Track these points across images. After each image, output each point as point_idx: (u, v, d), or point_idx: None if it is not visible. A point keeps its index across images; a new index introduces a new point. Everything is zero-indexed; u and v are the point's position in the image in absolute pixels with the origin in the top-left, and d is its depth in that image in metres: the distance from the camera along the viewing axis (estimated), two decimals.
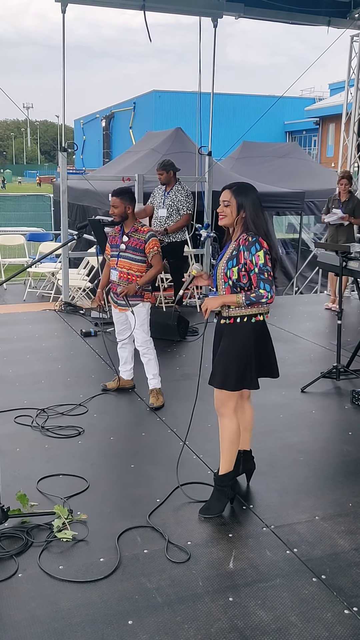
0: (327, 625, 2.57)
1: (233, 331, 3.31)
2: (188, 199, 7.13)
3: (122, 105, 43.86)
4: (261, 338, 3.36)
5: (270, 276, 3.18)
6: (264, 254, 3.17)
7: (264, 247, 3.19)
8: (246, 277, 3.22)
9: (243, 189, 3.30)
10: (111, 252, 4.89)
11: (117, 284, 4.82)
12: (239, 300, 3.20)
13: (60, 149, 8.16)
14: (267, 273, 3.17)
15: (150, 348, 4.89)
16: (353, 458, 4.09)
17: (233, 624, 2.56)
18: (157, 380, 4.92)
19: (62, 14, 7.45)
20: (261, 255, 3.17)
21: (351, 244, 5.79)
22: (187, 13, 8.46)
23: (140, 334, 4.84)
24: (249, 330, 3.30)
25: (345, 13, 8.75)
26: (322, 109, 37.52)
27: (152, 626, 2.54)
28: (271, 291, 3.17)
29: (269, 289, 3.16)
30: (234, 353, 3.30)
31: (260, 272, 3.17)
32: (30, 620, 2.57)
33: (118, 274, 4.80)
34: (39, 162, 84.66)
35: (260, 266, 3.17)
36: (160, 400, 4.86)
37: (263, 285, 3.16)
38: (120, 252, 4.78)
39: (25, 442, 4.24)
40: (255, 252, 3.17)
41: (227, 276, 3.26)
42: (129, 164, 11.66)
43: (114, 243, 4.87)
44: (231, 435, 3.39)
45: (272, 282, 3.19)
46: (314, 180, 13.39)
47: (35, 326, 7.30)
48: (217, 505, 3.38)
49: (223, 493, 3.39)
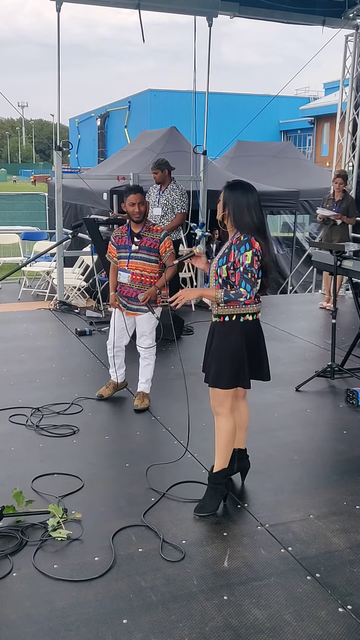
0: (322, 623, 2.57)
1: (223, 330, 3.31)
2: (183, 198, 7.13)
3: (117, 104, 43.80)
4: (252, 339, 3.34)
5: (253, 277, 3.16)
6: (252, 255, 3.15)
7: (254, 248, 3.17)
8: (234, 275, 3.21)
9: (232, 187, 3.29)
10: (118, 253, 4.70)
11: (129, 286, 4.66)
12: (217, 295, 3.19)
13: (55, 148, 8.15)
14: (251, 274, 3.15)
15: (153, 354, 4.83)
16: (347, 457, 4.10)
17: (227, 622, 2.57)
18: (147, 385, 4.87)
19: (57, 13, 7.44)
20: (249, 255, 3.15)
21: (345, 243, 5.80)
22: (182, 12, 8.45)
23: (147, 339, 4.77)
24: (239, 329, 3.29)
25: (340, 13, 8.77)
26: (317, 108, 37.56)
27: (146, 625, 2.55)
28: (251, 292, 3.14)
29: (250, 289, 3.14)
30: (225, 351, 3.30)
31: (245, 271, 3.15)
32: (25, 620, 2.57)
33: (130, 276, 4.62)
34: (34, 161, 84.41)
35: (246, 266, 3.15)
36: (146, 403, 4.80)
37: (244, 285, 3.14)
38: (132, 253, 4.61)
39: (19, 441, 4.24)
40: (244, 252, 3.16)
41: (218, 274, 3.26)
42: (124, 162, 11.64)
43: (121, 244, 4.68)
44: (227, 434, 3.39)
45: (254, 284, 3.17)
46: (308, 179, 13.41)
47: (30, 325, 7.29)
48: (211, 504, 3.38)
49: (217, 491, 3.39)
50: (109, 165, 12.74)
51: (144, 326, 4.75)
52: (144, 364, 4.86)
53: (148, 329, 4.76)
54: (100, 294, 8.14)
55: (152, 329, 4.77)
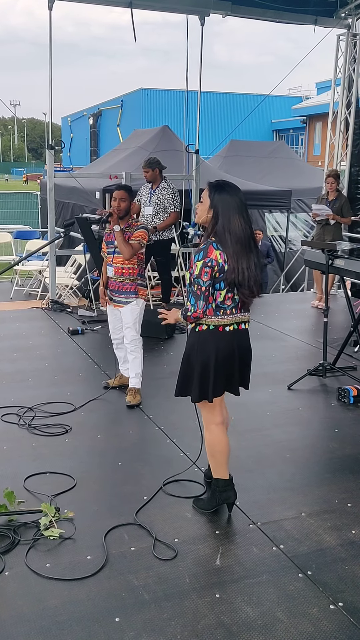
0: (313, 620, 2.59)
1: (191, 340, 3.21)
2: (175, 197, 7.13)
3: (110, 103, 43.74)
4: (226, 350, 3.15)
5: (199, 290, 3.00)
6: (201, 265, 2.98)
7: (207, 257, 2.98)
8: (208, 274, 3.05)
9: (218, 187, 3.08)
10: (107, 249, 4.90)
11: (113, 279, 4.85)
12: (178, 315, 3.18)
13: (47, 147, 8.13)
14: (197, 286, 3.00)
15: (138, 347, 4.88)
16: (339, 455, 4.12)
17: (220, 620, 2.58)
18: (138, 380, 4.90)
19: (49, 11, 7.42)
20: (198, 266, 2.99)
21: (337, 242, 5.82)
22: (174, 11, 8.45)
23: (130, 331, 4.84)
24: (207, 341, 3.13)
25: (332, 12, 8.79)
26: (309, 107, 37.66)
27: (139, 623, 2.55)
28: (195, 305, 3.01)
29: (194, 302, 3.01)
30: (191, 362, 3.20)
31: (191, 283, 3.04)
32: (17, 619, 2.56)
33: (114, 269, 4.83)
34: (26, 160, 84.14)
35: (194, 277, 3.01)
36: (137, 399, 4.84)
37: (190, 298, 3.03)
38: (115, 249, 4.80)
39: (12, 440, 4.23)
40: (196, 261, 3.01)
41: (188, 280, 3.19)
42: (116, 161, 11.63)
43: (109, 240, 4.89)
44: (208, 446, 3.33)
45: (200, 297, 3.00)
46: (301, 178, 13.45)
47: (22, 324, 7.27)
48: (206, 502, 3.38)
49: (214, 495, 3.37)
50: (102, 164, 12.72)
51: (127, 317, 4.83)
52: (130, 357, 4.91)
53: (131, 320, 4.82)
54: (92, 292, 8.13)
55: (134, 320, 4.84)
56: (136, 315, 4.84)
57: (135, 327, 4.85)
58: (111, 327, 5.04)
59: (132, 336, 4.85)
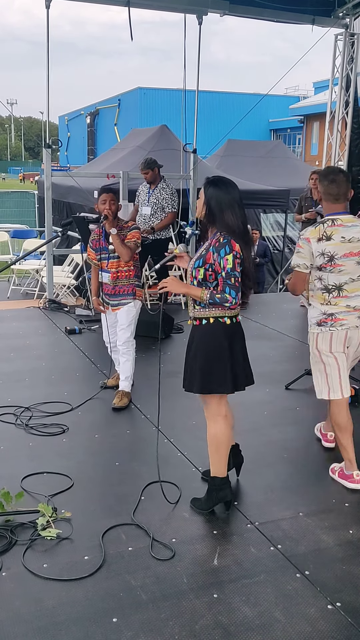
0: (311, 620, 2.58)
1: (200, 333, 3.24)
2: (173, 197, 7.13)
3: (107, 102, 43.72)
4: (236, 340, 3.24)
5: (237, 282, 3.07)
6: (232, 258, 3.05)
7: (234, 251, 3.06)
8: (213, 277, 3.12)
9: (213, 183, 3.17)
10: (97, 255, 4.83)
11: (109, 284, 4.78)
12: (202, 295, 3.11)
13: (44, 146, 8.11)
14: (234, 278, 3.07)
15: (131, 350, 4.84)
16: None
17: (217, 620, 2.57)
18: (128, 383, 4.87)
19: (47, 10, 7.41)
20: (230, 259, 3.06)
21: None
22: (172, 10, 8.45)
23: (124, 333, 4.79)
24: (216, 333, 3.19)
25: (330, 12, 8.80)
26: (307, 107, 37.64)
27: (136, 623, 2.54)
28: (236, 297, 3.07)
29: (234, 295, 3.06)
30: (202, 356, 3.22)
31: (227, 276, 3.07)
32: (14, 619, 2.56)
33: (110, 275, 4.76)
34: (23, 159, 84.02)
35: (228, 271, 3.06)
36: (125, 401, 4.79)
37: (229, 291, 3.06)
38: (111, 254, 4.74)
39: (8, 440, 4.22)
40: (224, 255, 3.06)
41: (193, 276, 3.19)
42: (114, 161, 11.63)
43: (97, 247, 4.82)
44: (213, 439, 3.33)
45: (239, 289, 3.08)
46: (298, 178, 13.43)
47: (19, 323, 7.26)
48: (204, 502, 3.37)
49: (210, 494, 3.37)
50: (99, 164, 12.73)
51: (122, 318, 4.79)
52: (122, 360, 4.86)
53: (126, 322, 4.79)
54: (90, 292, 8.12)
55: (129, 322, 4.80)
56: (132, 316, 4.81)
57: (130, 329, 4.82)
58: (106, 331, 4.97)
59: (126, 338, 4.81)
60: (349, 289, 3.55)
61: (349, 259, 3.50)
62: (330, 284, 3.54)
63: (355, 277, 3.54)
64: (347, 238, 3.48)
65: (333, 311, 3.56)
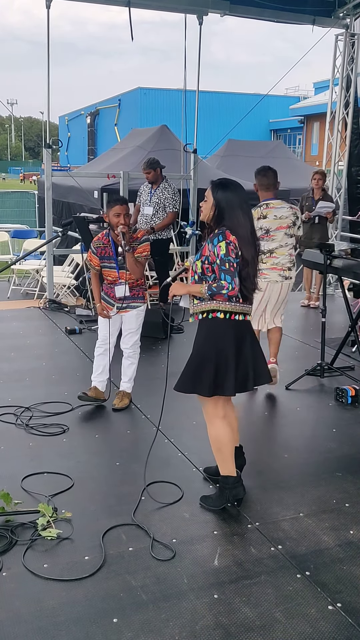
0: (311, 621, 2.58)
1: (199, 330, 3.24)
2: (175, 196, 7.13)
3: (107, 102, 43.72)
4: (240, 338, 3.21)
5: (232, 267, 3.06)
6: (225, 245, 3.06)
7: (227, 239, 3.06)
8: (210, 269, 3.13)
9: (222, 186, 3.18)
10: (103, 263, 4.60)
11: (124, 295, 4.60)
12: (202, 290, 3.11)
13: (44, 146, 8.11)
14: (229, 264, 3.06)
15: (137, 353, 4.82)
16: (337, 455, 4.12)
17: (218, 620, 2.57)
18: (130, 385, 4.84)
19: (47, 10, 7.41)
20: (223, 246, 3.06)
21: (336, 242, 5.81)
22: (173, 10, 8.44)
23: (133, 336, 4.75)
24: (220, 330, 3.17)
25: (330, 12, 8.79)
26: (307, 107, 37.67)
27: (136, 624, 2.54)
28: (232, 282, 3.04)
29: (230, 279, 3.05)
30: (199, 354, 3.22)
31: (222, 262, 3.07)
32: (15, 619, 2.56)
33: (126, 287, 4.55)
34: (23, 159, 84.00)
35: (222, 257, 3.06)
36: (125, 402, 4.77)
37: (224, 276, 3.06)
38: (122, 265, 4.53)
39: (9, 440, 4.22)
40: (217, 243, 3.08)
41: (194, 270, 3.20)
42: (114, 161, 11.62)
43: (105, 255, 4.58)
44: (214, 441, 3.34)
45: (234, 274, 3.06)
46: (298, 178, 13.43)
47: (20, 323, 7.26)
48: (215, 500, 3.38)
49: (223, 492, 3.38)
50: (100, 163, 12.71)
51: (132, 323, 4.73)
52: (127, 363, 4.81)
53: (135, 326, 4.74)
54: (90, 292, 8.11)
55: (138, 325, 4.76)
56: (141, 319, 4.76)
57: (139, 333, 4.78)
58: (106, 332, 4.70)
59: (134, 341, 4.76)
60: (277, 252, 5.05)
61: (279, 231, 5.05)
62: (265, 249, 4.95)
63: (283, 244, 5.04)
64: (278, 216, 5.08)
65: (261, 267, 4.48)
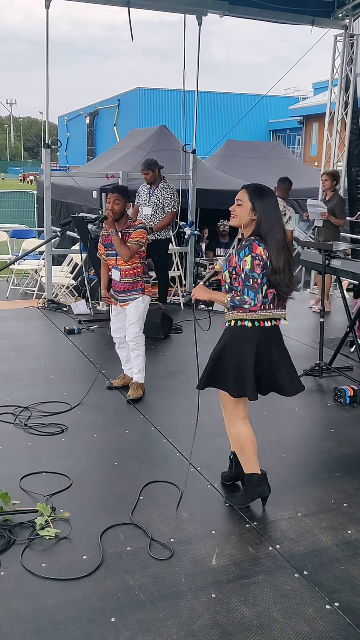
0: (309, 620, 2.59)
1: (228, 335, 3.28)
2: (173, 197, 7.14)
3: (107, 103, 43.70)
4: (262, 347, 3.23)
5: (255, 283, 3.06)
6: (251, 260, 3.05)
7: (253, 252, 3.06)
8: (237, 280, 3.15)
9: (259, 191, 3.20)
10: (106, 251, 4.89)
11: (119, 281, 4.85)
12: (224, 300, 3.15)
13: (44, 146, 8.12)
14: (253, 280, 3.06)
15: (141, 344, 4.92)
16: (335, 455, 4.12)
17: (216, 620, 2.57)
18: (141, 375, 4.96)
19: (46, 10, 7.41)
20: (248, 261, 3.06)
21: (334, 242, 5.82)
22: (172, 10, 8.45)
23: (133, 328, 4.86)
24: (240, 337, 3.22)
25: (329, 13, 8.80)
26: (306, 108, 37.67)
27: (135, 623, 2.55)
28: (255, 299, 3.06)
29: (253, 296, 3.06)
30: (226, 358, 3.26)
31: (246, 278, 3.08)
32: (13, 619, 2.56)
33: (120, 273, 4.82)
34: (22, 159, 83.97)
35: (247, 272, 3.07)
36: (139, 392, 4.90)
37: (247, 292, 3.07)
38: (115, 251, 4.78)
39: (7, 439, 4.22)
40: (243, 257, 3.08)
41: (224, 280, 3.23)
42: (113, 161, 11.61)
43: (107, 242, 4.86)
44: (235, 441, 3.42)
45: (258, 290, 3.07)
46: (297, 179, 13.37)
47: (18, 323, 7.26)
48: (240, 498, 3.44)
49: (248, 490, 3.42)
50: (99, 164, 12.70)
51: (132, 314, 4.85)
52: (133, 355, 4.95)
53: (135, 317, 4.84)
54: (89, 292, 8.12)
55: (138, 317, 4.86)
56: (141, 311, 4.87)
57: (139, 324, 4.88)
58: (114, 327, 5.04)
59: (135, 333, 4.87)
60: None
61: None
62: None
63: None
64: None
65: None
